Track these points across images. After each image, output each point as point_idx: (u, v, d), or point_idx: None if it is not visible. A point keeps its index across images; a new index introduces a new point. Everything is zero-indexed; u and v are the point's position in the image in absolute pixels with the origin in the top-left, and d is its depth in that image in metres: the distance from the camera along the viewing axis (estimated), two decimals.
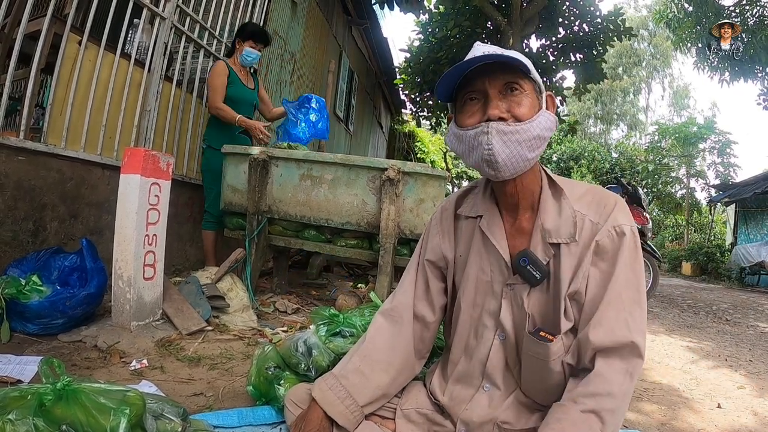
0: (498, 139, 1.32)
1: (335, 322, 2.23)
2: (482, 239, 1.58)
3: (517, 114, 1.34)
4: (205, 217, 4.55)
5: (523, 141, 1.33)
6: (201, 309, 3.21)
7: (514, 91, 1.35)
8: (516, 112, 1.34)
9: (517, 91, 1.35)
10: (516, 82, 1.35)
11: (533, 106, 1.37)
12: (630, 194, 6.87)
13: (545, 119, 1.37)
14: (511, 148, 1.33)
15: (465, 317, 1.63)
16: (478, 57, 1.32)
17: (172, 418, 1.45)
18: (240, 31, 4.61)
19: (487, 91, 1.36)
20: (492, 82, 1.35)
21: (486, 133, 1.32)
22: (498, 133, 1.31)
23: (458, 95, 1.44)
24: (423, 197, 3.65)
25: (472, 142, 1.37)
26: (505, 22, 9.64)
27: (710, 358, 4.13)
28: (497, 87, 1.35)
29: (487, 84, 1.35)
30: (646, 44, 42.68)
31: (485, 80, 1.35)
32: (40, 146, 3.39)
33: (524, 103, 1.35)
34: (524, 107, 1.35)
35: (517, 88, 1.35)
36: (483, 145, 1.33)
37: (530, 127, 1.33)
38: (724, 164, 24.34)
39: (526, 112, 1.34)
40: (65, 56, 3.60)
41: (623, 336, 1.34)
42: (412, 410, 1.68)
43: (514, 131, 1.32)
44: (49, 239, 3.51)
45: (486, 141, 1.32)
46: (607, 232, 1.41)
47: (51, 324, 2.64)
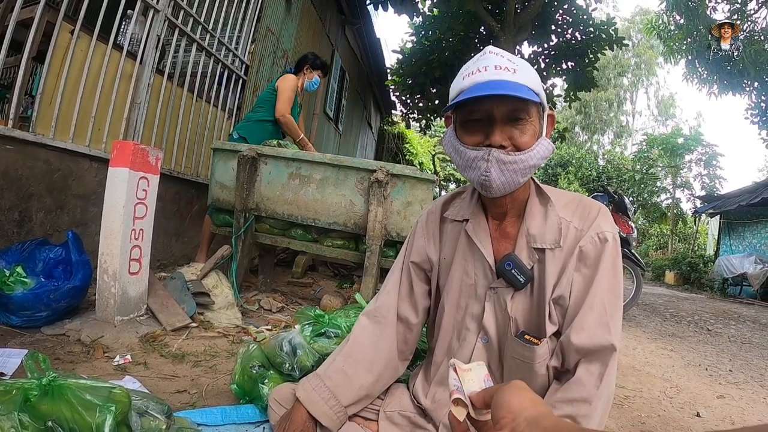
0: (496, 167, 1.34)
1: (320, 323, 2.23)
2: (467, 243, 1.59)
3: (519, 143, 1.35)
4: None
5: (519, 170, 1.36)
6: (186, 305, 3.20)
7: (520, 120, 1.36)
8: (517, 141, 1.35)
9: (522, 120, 1.36)
10: (523, 110, 1.35)
11: (534, 134, 1.38)
12: (616, 203, 6.90)
13: (543, 148, 1.39)
14: (507, 176, 1.35)
15: (448, 320, 1.64)
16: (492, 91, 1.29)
17: (156, 416, 1.45)
18: (310, 59, 5.02)
19: (493, 116, 1.36)
20: (500, 107, 1.34)
21: (486, 160, 1.34)
22: (498, 162, 1.33)
23: (463, 107, 1.42)
24: (411, 200, 3.66)
25: (470, 163, 1.38)
26: (499, 28, 9.65)
27: (691, 367, 4.17)
28: (504, 112, 1.35)
29: (495, 108, 1.35)
30: (630, 54, 42.92)
31: (493, 105, 1.35)
32: (28, 135, 3.37)
33: (527, 132, 1.36)
34: (526, 136, 1.36)
35: (523, 117, 1.36)
36: (481, 170, 1.35)
37: (528, 157, 1.35)
38: (710, 176, 24.58)
39: (527, 141, 1.36)
40: (57, 45, 3.58)
41: (605, 339, 1.37)
42: (395, 412, 1.69)
43: (513, 161, 1.34)
44: (34, 230, 3.49)
45: (485, 168, 1.34)
46: (590, 238, 1.44)
47: (35, 316, 2.63)
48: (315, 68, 5.00)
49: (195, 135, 5.46)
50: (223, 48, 5.78)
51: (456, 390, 1.07)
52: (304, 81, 4.99)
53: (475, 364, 1.14)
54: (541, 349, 1.43)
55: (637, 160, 26.44)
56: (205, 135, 5.66)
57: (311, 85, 5.03)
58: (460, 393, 1.06)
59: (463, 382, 1.08)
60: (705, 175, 24.75)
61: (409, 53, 12.23)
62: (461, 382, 1.08)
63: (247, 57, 6.37)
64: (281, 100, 4.66)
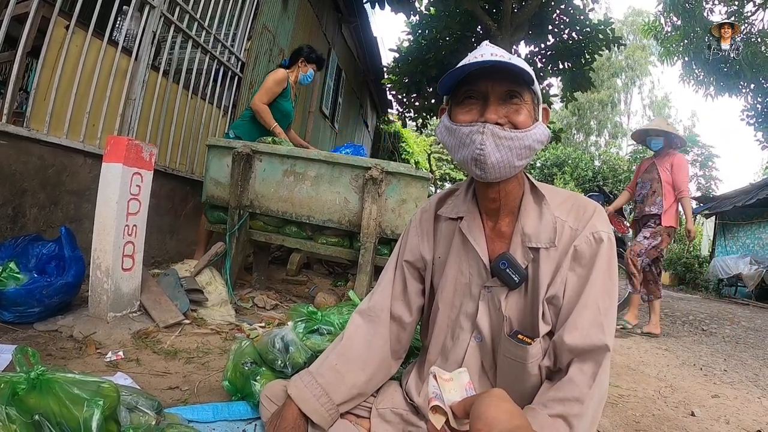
0: (491, 141, 1.31)
1: (313, 320, 2.22)
2: (462, 241, 1.58)
3: (515, 122, 1.34)
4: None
5: (515, 148, 1.33)
6: (179, 302, 3.19)
7: (514, 99, 1.35)
8: (514, 120, 1.34)
9: (517, 99, 1.35)
10: (518, 91, 1.35)
11: (530, 117, 1.37)
12: (611, 202, 6.90)
13: (540, 131, 1.38)
14: (503, 152, 1.33)
15: (442, 318, 1.64)
16: (488, 60, 1.30)
17: (146, 411, 1.44)
18: (305, 52, 5.02)
19: (488, 94, 1.35)
20: (495, 87, 1.34)
21: (481, 133, 1.32)
22: (493, 135, 1.31)
23: (458, 91, 1.42)
24: (405, 198, 3.66)
25: (464, 139, 1.36)
26: (495, 27, 9.64)
27: (685, 366, 4.17)
28: (499, 92, 1.35)
29: (490, 87, 1.34)
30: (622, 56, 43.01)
31: (489, 83, 1.34)
32: (22, 131, 3.35)
33: (522, 112, 1.35)
34: (522, 116, 1.35)
35: (518, 96, 1.35)
36: (476, 144, 1.33)
37: (525, 136, 1.34)
38: (705, 177, 24.63)
39: (524, 120, 1.35)
40: (52, 40, 3.56)
41: (598, 339, 1.36)
42: (388, 410, 1.68)
43: (509, 137, 1.32)
44: (28, 226, 3.47)
45: (480, 141, 1.32)
46: (585, 237, 1.43)
47: (27, 312, 2.61)
48: (310, 62, 5.02)
49: (190, 132, 5.45)
50: (219, 45, 5.76)
51: (435, 397, 1.07)
52: (299, 74, 5.00)
53: (457, 373, 1.14)
54: (533, 349, 1.42)
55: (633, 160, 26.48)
56: (201, 132, 5.64)
57: (305, 78, 5.04)
58: (438, 400, 1.06)
59: (443, 391, 1.08)
60: (701, 176, 24.81)
61: (406, 52, 12.24)
62: (441, 390, 1.08)
63: (243, 54, 6.35)
64: (261, 89, 4.71)
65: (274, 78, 4.73)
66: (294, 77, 4.97)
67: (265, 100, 4.67)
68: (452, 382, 1.10)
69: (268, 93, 4.69)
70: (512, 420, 0.89)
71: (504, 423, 0.87)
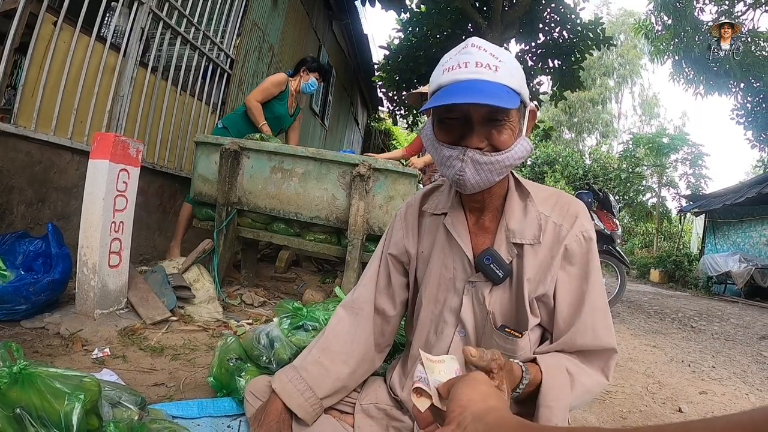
0: (471, 167, 1.31)
1: (298, 316, 2.23)
2: (446, 236, 1.59)
3: (496, 143, 1.32)
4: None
5: (495, 170, 1.33)
6: (166, 299, 3.19)
7: (498, 121, 1.32)
8: (495, 142, 1.32)
9: (500, 121, 1.32)
10: (501, 112, 1.31)
11: (513, 134, 1.35)
12: (601, 200, 6.93)
13: (520, 149, 1.36)
14: (482, 175, 1.33)
15: (426, 313, 1.64)
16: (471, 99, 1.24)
17: (129, 406, 1.45)
18: (309, 62, 5.13)
19: (470, 117, 1.32)
20: (477, 110, 1.31)
21: (461, 160, 1.31)
22: (473, 162, 1.31)
23: (439, 107, 1.35)
24: (393, 194, 3.67)
25: (445, 161, 1.36)
26: (486, 25, 9.67)
27: (674, 363, 4.21)
28: (481, 114, 1.31)
29: (472, 111, 1.31)
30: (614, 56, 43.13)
31: (471, 107, 1.30)
32: (9, 128, 3.34)
33: (505, 132, 1.32)
34: (504, 136, 1.32)
35: (501, 118, 1.32)
36: (455, 168, 1.32)
37: (505, 158, 1.32)
38: (695, 175, 24.70)
39: (505, 141, 1.32)
40: (40, 37, 3.55)
41: (608, 342, 1.41)
42: (371, 405, 1.69)
43: (488, 162, 1.31)
44: (15, 223, 3.46)
45: (459, 167, 1.32)
46: (575, 237, 1.44)
47: (14, 309, 2.61)
48: (312, 71, 5.09)
49: (179, 129, 5.44)
50: (208, 42, 5.75)
51: (419, 380, 1.07)
52: (301, 83, 5.07)
53: (449, 357, 1.14)
54: (522, 342, 1.44)
55: (623, 159, 26.53)
56: (189, 129, 5.64)
57: (308, 86, 5.10)
58: (423, 383, 1.06)
59: (431, 373, 1.08)
60: (690, 174, 24.88)
61: (396, 49, 12.26)
62: (427, 373, 1.08)
63: (233, 51, 6.34)
64: (257, 88, 4.82)
65: (272, 80, 4.83)
66: (296, 85, 5.05)
67: (259, 98, 4.73)
68: (443, 363, 1.10)
69: (264, 92, 4.77)
70: (487, 401, 0.89)
71: (478, 404, 0.88)
